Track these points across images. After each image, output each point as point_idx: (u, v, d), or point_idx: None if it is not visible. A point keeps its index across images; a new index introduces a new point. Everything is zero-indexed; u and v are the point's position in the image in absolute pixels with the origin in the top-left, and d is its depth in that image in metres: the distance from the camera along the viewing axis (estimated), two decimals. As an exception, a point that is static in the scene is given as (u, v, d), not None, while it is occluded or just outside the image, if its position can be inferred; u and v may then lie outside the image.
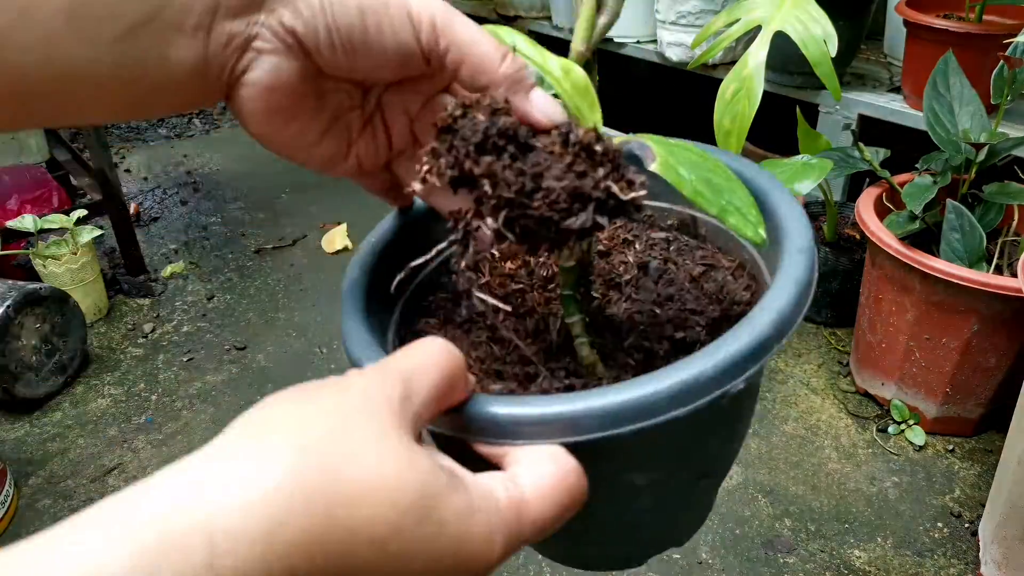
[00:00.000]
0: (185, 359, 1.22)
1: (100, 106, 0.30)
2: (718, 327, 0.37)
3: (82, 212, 1.27)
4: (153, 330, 1.29)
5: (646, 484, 0.34)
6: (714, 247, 0.44)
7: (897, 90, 1.32)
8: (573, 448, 0.28)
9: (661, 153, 0.32)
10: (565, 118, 0.32)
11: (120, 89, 0.29)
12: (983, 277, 0.87)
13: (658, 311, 0.39)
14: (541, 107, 0.31)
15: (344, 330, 0.34)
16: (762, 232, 0.32)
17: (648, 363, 0.36)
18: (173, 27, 0.28)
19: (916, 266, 0.91)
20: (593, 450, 0.28)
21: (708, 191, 0.32)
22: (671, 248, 0.44)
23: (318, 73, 0.31)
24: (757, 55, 1.14)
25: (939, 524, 0.90)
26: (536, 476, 0.26)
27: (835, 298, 1.21)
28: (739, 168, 0.39)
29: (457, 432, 0.28)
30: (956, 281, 0.88)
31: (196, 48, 0.29)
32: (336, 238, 1.55)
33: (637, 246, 0.45)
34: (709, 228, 0.46)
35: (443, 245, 0.31)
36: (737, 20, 1.22)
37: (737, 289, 0.39)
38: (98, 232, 1.29)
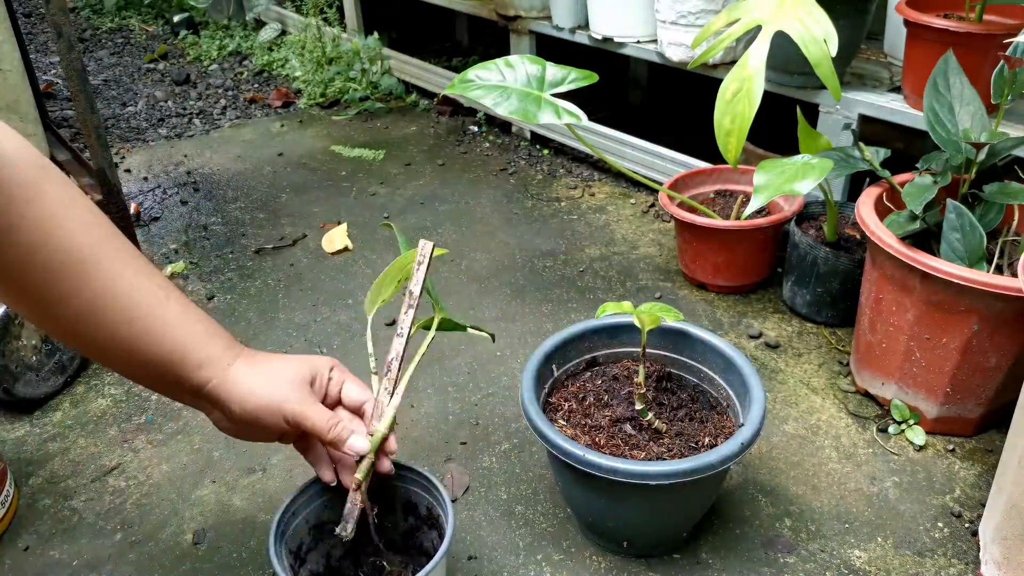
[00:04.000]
0: (185, 359, 1.22)
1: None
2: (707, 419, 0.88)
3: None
4: (153, 330, 1.29)
5: (679, 504, 0.82)
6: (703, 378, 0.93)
7: (897, 90, 1.32)
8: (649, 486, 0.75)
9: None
10: (367, 448, 0.67)
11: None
12: (983, 277, 0.87)
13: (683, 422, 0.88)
14: (355, 448, 0.67)
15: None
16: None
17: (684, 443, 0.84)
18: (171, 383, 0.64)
19: (916, 266, 0.91)
20: (659, 487, 0.75)
21: None
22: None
23: None
24: (757, 55, 1.15)
25: (939, 524, 0.90)
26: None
27: (835, 298, 1.21)
28: (714, 342, 0.90)
29: None
30: (956, 281, 0.88)
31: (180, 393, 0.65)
32: (336, 238, 1.55)
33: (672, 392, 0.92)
34: (704, 376, 0.92)
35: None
36: (737, 20, 1.23)
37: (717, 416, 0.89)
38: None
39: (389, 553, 0.75)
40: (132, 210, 1.61)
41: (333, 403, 0.70)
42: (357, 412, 0.70)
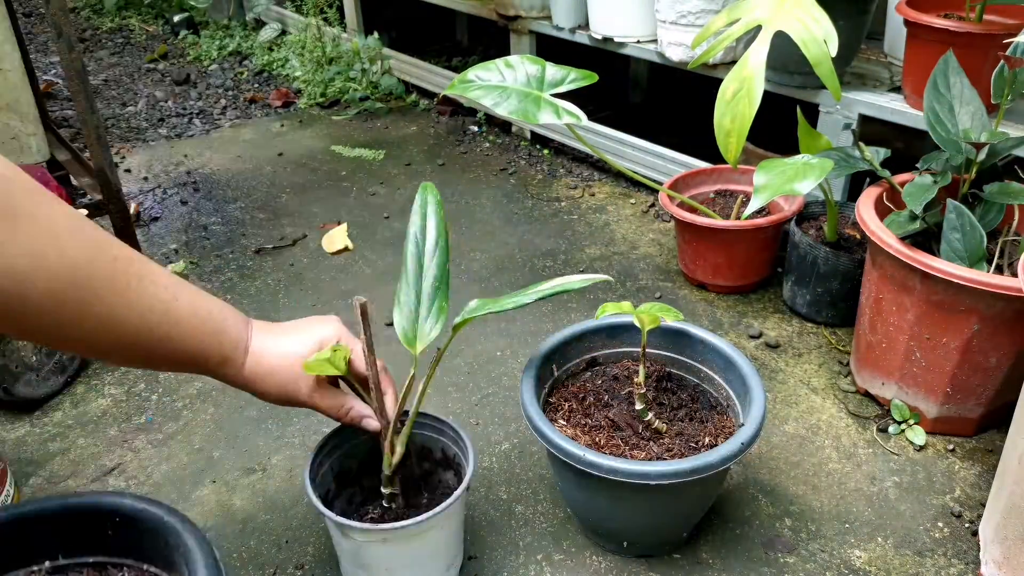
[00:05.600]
0: (185, 359, 1.22)
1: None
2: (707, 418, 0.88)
3: (82, 212, 1.27)
4: (153, 330, 1.29)
5: (679, 504, 0.82)
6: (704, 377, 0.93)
7: (897, 90, 1.32)
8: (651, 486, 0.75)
9: None
10: (378, 427, 0.76)
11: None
12: (984, 277, 0.87)
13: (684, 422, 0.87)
14: (370, 428, 0.76)
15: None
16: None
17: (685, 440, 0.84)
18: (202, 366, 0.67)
19: (917, 266, 0.91)
20: (659, 487, 0.75)
21: None
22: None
23: None
24: (757, 55, 1.15)
25: (939, 524, 0.90)
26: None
27: (835, 298, 1.21)
28: (714, 342, 0.90)
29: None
30: (957, 281, 0.88)
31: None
32: (336, 238, 1.55)
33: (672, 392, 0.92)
34: (704, 375, 0.92)
35: None
36: (737, 20, 1.22)
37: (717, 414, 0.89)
38: (98, 232, 1.29)
39: (408, 495, 0.83)
40: (132, 210, 1.61)
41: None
42: (362, 380, 0.75)
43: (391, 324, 1.27)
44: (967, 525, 0.89)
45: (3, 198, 0.49)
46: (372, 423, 0.75)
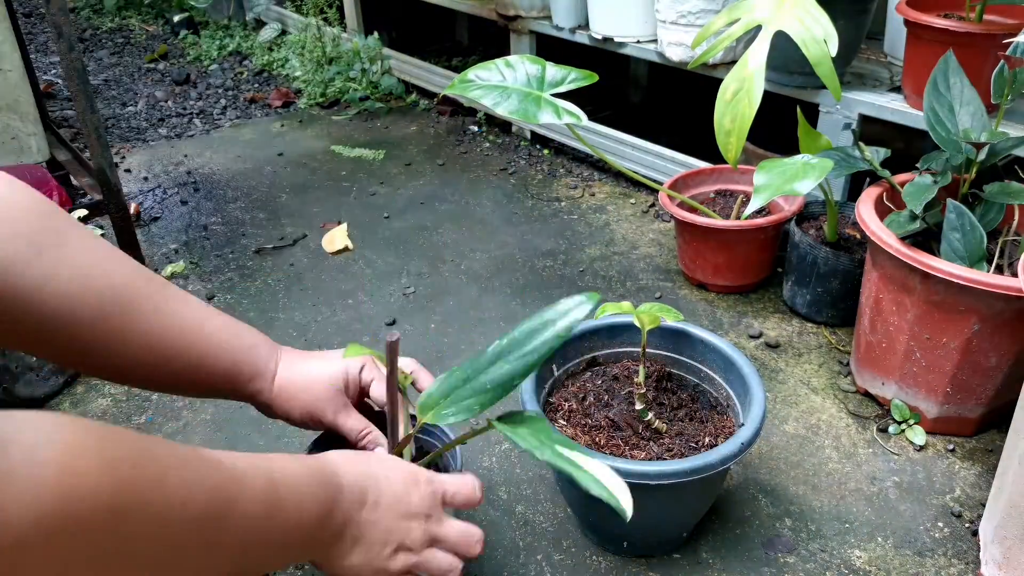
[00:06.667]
0: (185, 359, 1.22)
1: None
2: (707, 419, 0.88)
3: (82, 212, 1.27)
4: (153, 330, 1.29)
5: (679, 503, 0.82)
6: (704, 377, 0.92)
7: (898, 90, 1.32)
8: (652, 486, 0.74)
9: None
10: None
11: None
12: (984, 277, 0.87)
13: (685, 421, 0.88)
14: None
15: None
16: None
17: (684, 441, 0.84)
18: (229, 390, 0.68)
19: (917, 266, 0.91)
20: (659, 487, 0.74)
21: None
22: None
23: None
24: (757, 55, 1.15)
25: (939, 524, 0.90)
26: (453, 477, 0.66)
27: (835, 298, 1.21)
28: (714, 342, 0.89)
29: None
30: (957, 281, 0.88)
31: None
32: (336, 238, 1.55)
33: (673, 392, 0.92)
34: (704, 375, 0.92)
35: None
36: (737, 20, 1.22)
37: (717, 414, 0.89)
38: (98, 232, 1.29)
39: None
40: (132, 210, 1.61)
41: (365, 394, 0.78)
42: (379, 411, 0.77)
43: (393, 323, 1.27)
44: (967, 525, 0.89)
45: (52, 227, 0.54)
46: (383, 454, 0.76)
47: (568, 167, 1.86)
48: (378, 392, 0.76)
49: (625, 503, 0.54)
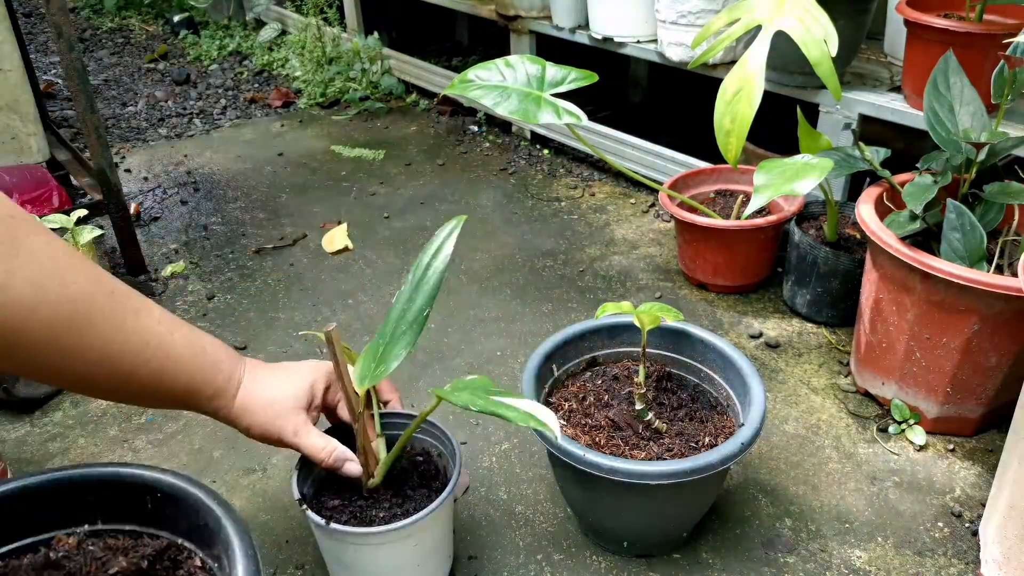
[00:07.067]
0: (185, 359, 1.22)
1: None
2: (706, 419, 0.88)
3: (82, 212, 1.27)
4: (153, 330, 1.29)
5: (679, 503, 0.82)
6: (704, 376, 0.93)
7: (898, 90, 1.32)
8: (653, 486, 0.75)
9: None
10: (359, 472, 0.75)
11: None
12: (984, 277, 0.87)
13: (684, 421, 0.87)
14: (351, 473, 0.75)
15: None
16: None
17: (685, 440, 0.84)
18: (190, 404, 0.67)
19: (917, 266, 0.91)
20: (659, 487, 0.75)
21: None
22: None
23: None
24: (757, 55, 1.15)
25: (939, 524, 0.90)
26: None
27: (835, 298, 1.21)
28: (714, 341, 0.89)
29: None
30: (957, 281, 0.88)
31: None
32: (336, 238, 1.55)
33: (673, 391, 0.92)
34: (704, 375, 0.92)
35: None
36: (737, 20, 1.22)
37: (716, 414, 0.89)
38: (98, 232, 1.29)
39: (405, 489, 0.81)
40: (132, 210, 1.61)
41: (332, 409, 0.79)
42: (347, 424, 0.77)
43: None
44: (967, 525, 0.89)
45: (7, 233, 0.50)
46: (353, 468, 0.75)
47: (568, 167, 1.86)
48: (345, 412, 0.75)
49: (555, 428, 0.63)
